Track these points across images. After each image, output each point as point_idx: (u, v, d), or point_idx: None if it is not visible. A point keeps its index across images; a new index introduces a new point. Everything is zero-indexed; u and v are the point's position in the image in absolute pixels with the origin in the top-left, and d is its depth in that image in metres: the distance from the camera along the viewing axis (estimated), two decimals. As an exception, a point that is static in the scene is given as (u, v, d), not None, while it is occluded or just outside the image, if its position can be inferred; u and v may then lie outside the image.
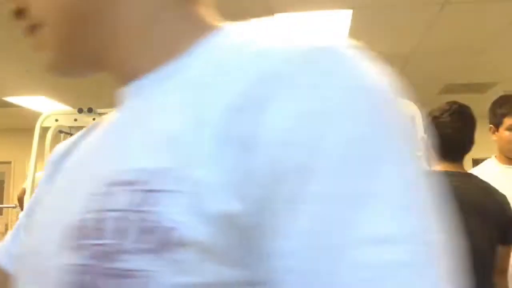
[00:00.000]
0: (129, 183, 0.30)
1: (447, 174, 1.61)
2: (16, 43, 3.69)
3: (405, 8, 3.06)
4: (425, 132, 1.73)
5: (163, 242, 0.27)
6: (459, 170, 1.64)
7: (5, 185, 7.54)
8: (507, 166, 1.94)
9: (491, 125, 2.01)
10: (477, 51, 3.88)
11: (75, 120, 3.54)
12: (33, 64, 4.22)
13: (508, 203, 1.59)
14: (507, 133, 1.91)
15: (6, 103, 5.63)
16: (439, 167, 1.66)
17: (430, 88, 5.05)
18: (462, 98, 6.32)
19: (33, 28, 0.42)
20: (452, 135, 1.63)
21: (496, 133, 1.97)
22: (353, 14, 3.12)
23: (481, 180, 1.68)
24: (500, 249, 1.56)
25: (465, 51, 3.90)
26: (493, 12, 3.11)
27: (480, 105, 5.84)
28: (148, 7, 0.38)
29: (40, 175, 4.40)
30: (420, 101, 1.86)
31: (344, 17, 3.17)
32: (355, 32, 3.42)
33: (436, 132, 1.66)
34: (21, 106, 5.73)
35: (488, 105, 2.10)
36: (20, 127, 7.10)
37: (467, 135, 1.65)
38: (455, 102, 1.70)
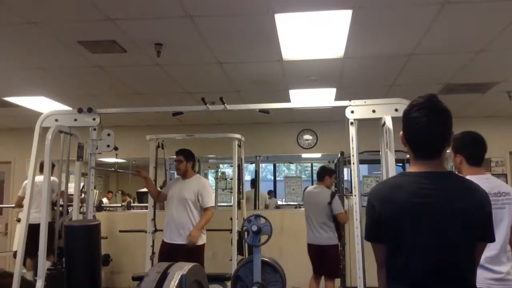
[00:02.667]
0: None
1: (422, 176, 1.52)
2: (17, 43, 3.69)
3: (405, 8, 3.06)
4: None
5: None
6: (435, 169, 1.53)
7: (5, 185, 7.54)
8: None
9: None
10: (477, 51, 3.88)
11: (75, 120, 3.54)
12: (33, 65, 4.23)
13: (488, 201, 1.52)
14: None
15: (6, 103, 5.63)
16: (415, 167, 1.57)
17: (430, 88, 5.04)
18: (462, 98, 6.36)
19: None
20: (422, 130, 1.51)
21: None
22: (353, 14, 3.12)
23: (459, 179, 1.59)
24: (477, 246, 1.53)
25: (465, 51, 3.90)
26: (493, 12, 3.11)
27: (480, 105, 5.86)
28: None
29: (39, 178, 4.39)
30: (420, 101, 1.84)
31: (344, 17, 3.17)
32: (355, 32, 3.42)
33: (408, 129, 1.57)
34: (21, 106, 5.74)
35: (488, 105, 2.11)
36: (20, 127, 7.10)
37: (439, 129, 1.52)
38: (427, 96, 1.56)
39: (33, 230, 3.38)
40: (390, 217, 1.52)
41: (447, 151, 1.60)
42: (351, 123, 3.19)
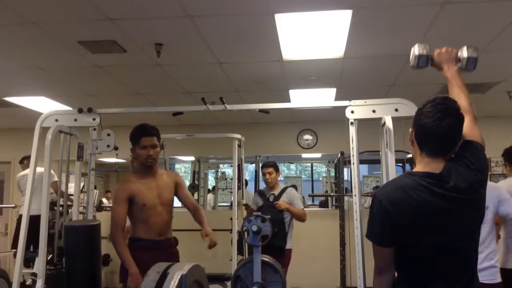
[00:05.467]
0: None
1: (431, 176, 1.50)
2: (17, 43, 3.69)
3: (405, 8, 3.07)
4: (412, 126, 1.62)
5: None
6: (439, 169, 1.51)
7: (5, 185, 7.54)
8: None
9: None
10: (477, 51, 3.88)
11: (75, 120, 3.53)
12: (33, 65, 4.23)
13: (484, 155, 1.62)
14: None
15: (6, 103, 5.63)
16: (420, 166, 1.55)
17: (430, 88, 5.04)
18: (462, 98, 6.17)
19: None
20: (432, 124, 1.51)
21: None
22: (353, 14, 3.12)
23: (456, 166, 1.53)
24: None
25: (465, 51, 3.90)
26: (493, 12, 3.11)
27: (480, 105, 5.85)
28: None
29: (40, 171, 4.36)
30: (420, 101, 1.85)
31: (344, 17, 3.17)
32: (355, 32, 3.42)
33: (418, 122, 1.57)
34: (21, 106, 5.73)
35: (488, 105, 2.11)
36: (20, 127, 7.10)
37: (451, 125, 1.50)
38: (444, 96, 1.60)
39: (31, 222, 3.37)
40: (409, 221, 1.49)
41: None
42: (351, 123, 3.19)
